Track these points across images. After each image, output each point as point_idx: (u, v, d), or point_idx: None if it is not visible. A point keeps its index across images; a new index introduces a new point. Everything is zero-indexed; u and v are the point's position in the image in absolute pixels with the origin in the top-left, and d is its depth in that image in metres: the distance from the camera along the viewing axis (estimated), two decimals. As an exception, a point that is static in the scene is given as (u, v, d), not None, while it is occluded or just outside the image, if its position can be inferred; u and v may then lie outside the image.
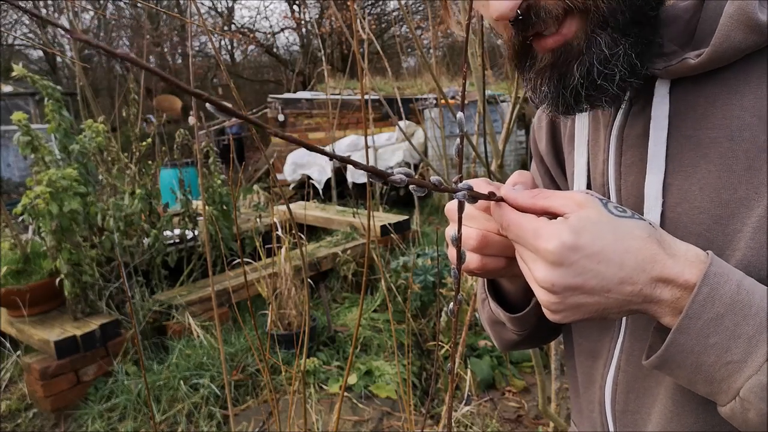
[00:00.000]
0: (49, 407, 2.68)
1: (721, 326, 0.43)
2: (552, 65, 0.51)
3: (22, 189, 6.28)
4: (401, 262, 3.48)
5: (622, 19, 0.47)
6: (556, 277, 0.45)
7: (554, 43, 0.49)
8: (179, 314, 3.10)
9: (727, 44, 0.45)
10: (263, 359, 1.05)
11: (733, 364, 0.43)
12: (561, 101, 0.51)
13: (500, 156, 1.83)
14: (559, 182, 0.72)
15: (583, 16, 0.47)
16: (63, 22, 9.87)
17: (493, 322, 0.72)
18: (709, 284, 0.43)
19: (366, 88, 4.32)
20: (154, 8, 2.70)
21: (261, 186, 6.44)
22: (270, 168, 2.73)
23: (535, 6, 0.48)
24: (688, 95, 0.50)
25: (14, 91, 8.77)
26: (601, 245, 0.44)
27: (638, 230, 0.45)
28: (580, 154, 0.62)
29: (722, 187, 0.48)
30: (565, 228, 0.45)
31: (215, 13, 14.61)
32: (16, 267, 2.91)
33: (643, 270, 0.44)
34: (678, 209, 0.51)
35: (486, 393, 2.76)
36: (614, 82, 0.48)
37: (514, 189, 0.52)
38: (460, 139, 0.41)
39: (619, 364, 0.60)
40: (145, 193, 3.37)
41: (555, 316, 0.49)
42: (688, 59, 0.47)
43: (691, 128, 0.50)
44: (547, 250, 0.45)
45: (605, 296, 0.46)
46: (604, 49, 0.47)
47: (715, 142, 0.49)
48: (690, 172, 0.50)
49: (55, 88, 2.93)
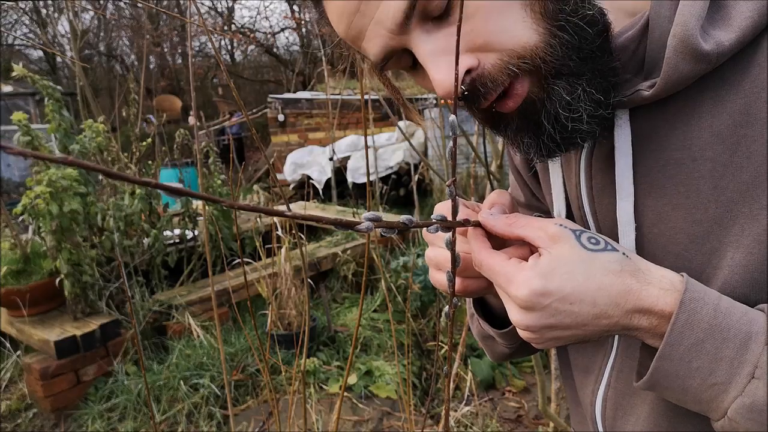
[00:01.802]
0: (49, 407, 2.68)
1: (703, 351, 0.43)
2: (524, 120, 0.51)
3: (22, 189, 6.28)
4: (401, 262, 3.48)
5: (573, 64, 0.47)
6: (529, 320, 0.47)
7: (515, 104, 0.49)
8: (179, 314, 3.10)
9: (676, 75, 0.46)
10: (263, 359, 1.05)
11: (718, 386, 0.43)
12: (542, 148, 0.52)
13: (500, 156, 1.83)
14: (538, 195, 0.72)
15: (533, 73, 0.48)
16: (63, 22, 9.85)
17: (482, 337, 0.73)
18: (686, 311, 0.44)
19: (366, 88, 4.32)
20: (154, 8, 2.71)
21: (261, 186, 6.44)
22: (270, 168, 2.73)
23: (480, 77, 0.48)
24: (648, 120, 0.51)
25: (14, 91, 8.77)
26: (572, 286, 0.45)
27: (611, 264, 0.46)
28: (556, 174, 0.62)
29: (693, 207, 0.49)
30: (535, 275, 0.46)
31: (215, 13, 14.61)
32: (16, 267, 2.91)
33: (617, 305, 0.45)
34: (654, 230, 0.52)
35: (486, 393, 2.76)
36: (583, 121, 0.48)
37: (491, 213, 0.53)
38: (453, 142, 0.41)
39: (610, 381, 0.61)
40: (145, 193, 3.37)
41: (538, 346, 0.51)
42: (642, 91, 0.48)
43: (655, 151, 0.51)
44: (518, 297, 0.47)
45: (582, 329, 0.47)
46: (564, 95, 0.48)
47: (679, 163, 0.49)
48: (661, 194, 0.51)
49: (55, 88, 2.93)
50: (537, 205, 0.73)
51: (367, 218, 0.37)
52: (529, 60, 0.47)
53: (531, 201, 0.74)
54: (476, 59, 0.47)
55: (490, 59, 0.47)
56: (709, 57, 0.44)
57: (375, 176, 5.51)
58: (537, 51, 0.46)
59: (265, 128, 8.40)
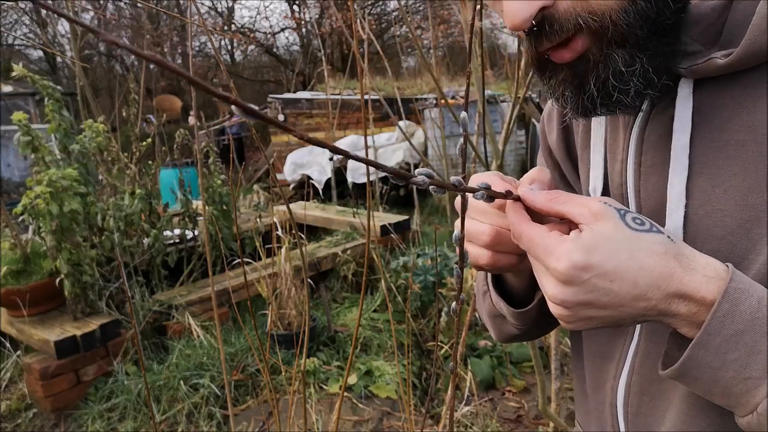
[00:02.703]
0: (49, 407, 2.68)
1: (741, 342, 0.42)
2: (571, 75, 0.51)
3: (22, 189, 6.28)
4: (401, 262, 3.48)
5: (641, 34, 0.46)
6: (566, 294, 0.46)
7: (570, 57, 0.49)
8: (179, 314, 3.10)
9: (758, 45, 0.44)
10: (263, 359, 1.05)
11: (752, 380, 0.42)
12: (580, 105, 0.51)
13: (500, 156, 1.83)
14: (569, 177, 0.71)
15: (597, 34, 0.47)
16: (63, 22, 9.84)
17: (493, 316, 0.71)
18: (730, 300, 0.43)
19: (366, 88, 4.32)
20: (154, 8, 2.71)
21: (261, 186, 6.44)
22: (270, 168, 2.73)
23: (550, 17, 0.47)
24: (713, 96, 0.49)
25: (14, 91, 8.76)
26: (614, 264, 0.44)
27: (655, 246, 0.45)
28: (597, 152, 0.61)
29: (748, 191, 0.47)
30: (576, 247, 0.45)
31: (215, 13, 14.61)
32: (16, 267, 2.91)
33: (658, 287, 0.44)
34: (700, 211, 0.50)
35: (486, 393, 2.76)
36: (628, 95, 0.48)
37: (531, 189, 0.52)
38: (464, 139, 0.41)
39: (633, 366, 0.59)
40: (145, 193, 3.37)
41: (568, 326, 0.49)
42: (716, 59, 0.46)
43: (716, 130, 0.49)
44: (557, 269, 0.45)
45: (618, 310, 0.46)
46: (620, 65, 0.47)
47: (741, 145, 0.48)
48: (714, 174, 0.49)
49: (55, 88, 2.93)
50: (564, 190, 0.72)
51: (421, 173, 0.37)
52: (598, 18, 0.46)
53: (559, 185, 0.72)
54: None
55: (564, 4, 0.47)
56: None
57: (375, 176, 5.51)
58: (611, 12, 0.46)
59: (265, 128, 8.41)
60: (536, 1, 0.46)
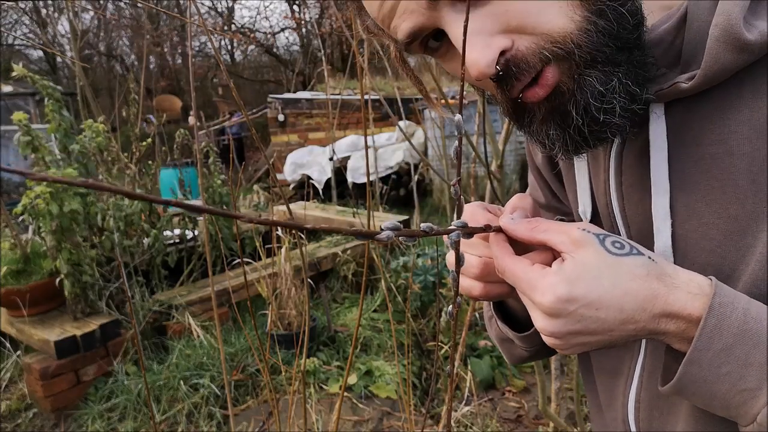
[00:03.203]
0: (49, 407, 2.68)
1: (732, 356, 0.43)
2: (550, 111, 0.50)
3: (22, 189, 6.28)
4: (401, 262, 3.48)
5: (609, 51, 0.46)
6: (555, 326, 0.46)
7: (545, 93, 0.48)
8: (179, 314, 3.10)
9: (717, 66, 0.45)
10: (263, 359, 1.05)
11: (748, 391, 0.43)
12: (568, 141, 0.50)
13: (500, 156, 1.83)
14: (560, 195, 0.71)
15: (565, 60, 0.47)
16: (63, 22, 9.85)
17: (501, 340, 0.72)
18: (715, 316, 0.43)
19: (366, 88, 4.32)
20: (154, 8, 2.70)
21: (261, 186, 6.44)
22: (270, 168, 2.73)
23: (514, 59, 0.47)
24: (684, 114, 0.50)
25: (14, 91, 8.77)
26: (599, 293, 0.45)
27: (636, 269, 0.45)
28: (582, 175, 0.61)
29: (728, 202, 0.48)
30: (560, 280, 0.45)
31: (215, 13, 14.62)
32: (16, 267, 2.91)
33: (643, 309, 0.45)
34: (687, 226, 0.51)
35: (486, 393, 2.76)
36: (615, 113, 0.47)
37: (512, 218, 0.52)
38: (458, 141, 0.41)
39: (641, 381, 0.60)
40: (145, 193, 3.36)
41: (564, 353, 0.50)
42: (680, 83, 0.47)
43: (690, 146, 0.50)
44: (543, 304, 0.46)
45: (609, 335, 0.46)
46: (597, 85, 0.46)
47: (715, 158, 0.48)
48: (694, 189, 0.50)
49: (55, 88, 2.93)
50: (557, 207, 0.72)
51: (386, 227, 0.36)
52: (561, 45, 0.46)
53: (551, 202, 0.73)
54: (510, 40, 0.46)
55: (524, 42, 0.46)
56: (752, 47, 0.43)
57: (375, 176, 5.51)
58: (572, 36, 0.45)
59: (265, 128, 8.40)
60: (495, 45, 0.46)
